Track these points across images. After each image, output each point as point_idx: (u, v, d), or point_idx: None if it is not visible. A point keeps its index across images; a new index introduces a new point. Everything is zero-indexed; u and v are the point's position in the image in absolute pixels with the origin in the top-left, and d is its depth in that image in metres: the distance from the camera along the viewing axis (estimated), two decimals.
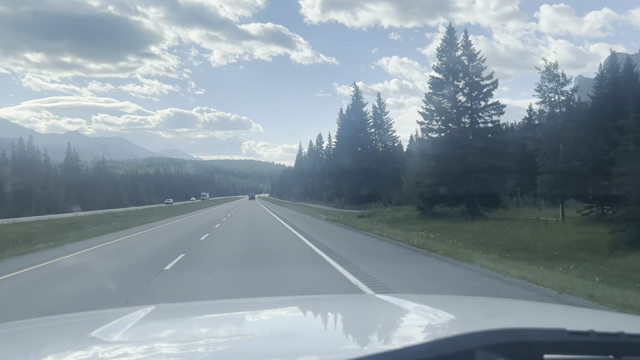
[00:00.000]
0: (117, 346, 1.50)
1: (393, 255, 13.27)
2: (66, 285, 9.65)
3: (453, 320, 1.76)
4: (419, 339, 1.25)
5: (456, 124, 31.40)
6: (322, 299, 3.22)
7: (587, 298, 6.68)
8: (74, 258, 14.71)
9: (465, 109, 31.15)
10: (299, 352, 1.37)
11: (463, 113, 31.09)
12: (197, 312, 2.35)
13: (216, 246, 16.82)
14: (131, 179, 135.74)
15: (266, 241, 18.26)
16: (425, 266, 10.86)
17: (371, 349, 1.41)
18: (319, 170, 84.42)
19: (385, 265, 11.16)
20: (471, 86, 31.07)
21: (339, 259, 11.65)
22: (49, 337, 1.79)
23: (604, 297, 6.68)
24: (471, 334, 0.90)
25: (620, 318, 2.18)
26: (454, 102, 31.23)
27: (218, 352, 1.45)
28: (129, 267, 12.08)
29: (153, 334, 1.81)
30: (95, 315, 2.59)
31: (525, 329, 0.95)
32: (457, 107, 31.19)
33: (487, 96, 30.97)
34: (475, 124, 31.18)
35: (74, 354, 1.46)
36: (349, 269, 9.84)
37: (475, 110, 30.95)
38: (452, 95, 31.18)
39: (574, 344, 0.94)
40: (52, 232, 26.04)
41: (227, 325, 2.02)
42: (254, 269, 10.86)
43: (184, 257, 12.92)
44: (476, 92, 30.95)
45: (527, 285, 7.86)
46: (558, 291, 7.25)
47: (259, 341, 1.59)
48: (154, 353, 1.44)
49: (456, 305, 2.26)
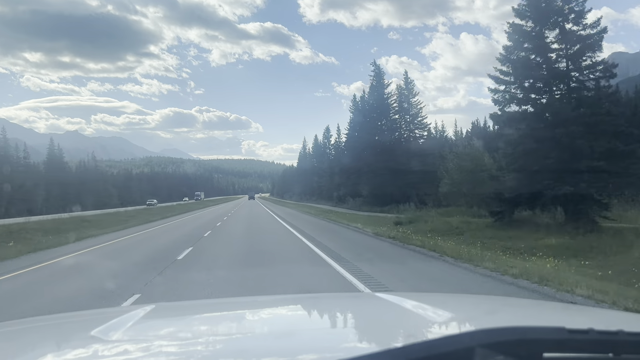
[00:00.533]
0: (116, 345, 1.49)
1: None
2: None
3: (452, 318, 1.77)
4: (419, 337, 1.11)
5: (552, 90, 21.49)
6: (321, 298, 3.18)
7: None
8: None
9: (563, 70, 21.28)
10: (298, 351, 1.35)
11: (561, 75, 21.17)
12: (197, 311, 2.33)
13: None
14: (124, 179, 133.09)
15: (286, 282, 8.63)
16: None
17: (370, 347, 1.39)
18: (327, 167, 76.50)
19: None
20: (569, 36, 21.26)
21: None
22: (48, 335, 1.78)
23: None
24: (471, 332, 0.90)
25: (619, 316, 2.29)
26: (546, 59, 21.38)
27: (217, 350, 1.43)
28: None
29: (152, 333, 1.80)
30: (95, 314, 2.57)
31: (525, 327, 0.94)
32: (550, 66, 21.31)
33: (593, 50, 21.19)
34: (581, 89, 21.27)
35: (74, 352, 1.45)
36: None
37: (578, 70, 21.10)
38: (543, 49, 21.32)
39: (574, 342, 0.94)
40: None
41: (226, 324, 2.02)
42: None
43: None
44: (578, 44, 21.15)
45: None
46: None
47: (258, 339, 1.58)
48: (153, 352, 1.41)
49: (455, 304, 2.27)
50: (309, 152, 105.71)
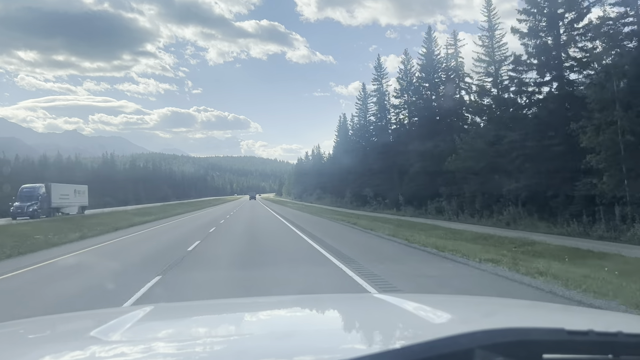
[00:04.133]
0: (115, 345, 1.49)
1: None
2: None
3: (452, 319, 1.75)
4: (418, 338, 1.13)
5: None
6: (321, 299, 3.17)
7: None
8: None
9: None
10: (298, 352, 1.35)
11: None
12: (196, 312, 2.32)
13: None
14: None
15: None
16: None
17: (371, 348, 1.39)
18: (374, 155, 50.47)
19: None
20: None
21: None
22: (48, 336, 1.79)
23: None
24: (470, 334, 0.90)
25: (619, 317, 2.26)
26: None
27: (217, 351, 1.44)
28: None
29: (152, 334, 1.80)
30: (95, 315, 2.55)
31: (524, 328, 0.94)
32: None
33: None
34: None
35: (73, 353, 1.43)
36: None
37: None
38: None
39: (573, 343, 0.94)
40: None
41: (226, 325, 2.02)
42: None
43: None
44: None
45: None
46: None
47: (257, 340, 1.57)
48: (152, 352, 1.41)
49: (455, 305, 2.26)
50: (336, 143, 78.81)
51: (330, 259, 12.16)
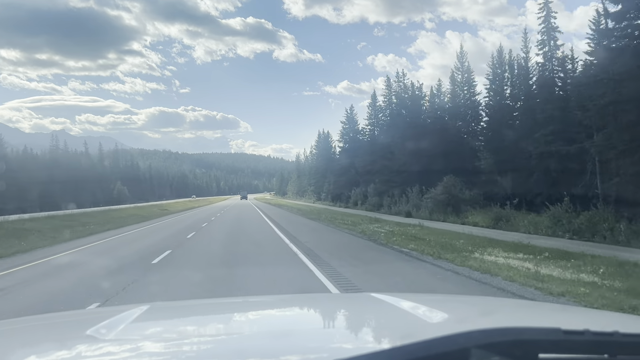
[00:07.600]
0: (111, 344, 1.48)
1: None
2: None
3: (448, 319, 1.73)
4: (415, 338, 1.14)
5: None
6: (317, 298, 3.13)
7: None
8: None
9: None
10: (295, 351, 1.33)
11: None
12: (191, 311, 2.31)
13: None
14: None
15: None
16: None
17: (367, 347, 1.38)
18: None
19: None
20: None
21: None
22: (44, 334, 1.76)
23: None
24: (467, 333, 0.89)
25: (615, 317, 2.20)
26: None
27: (211, 350, 1.42)
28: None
29: (147, 332, 1.79)
30: (90, 314, 2.62)
31: (521, 328, 0.94)
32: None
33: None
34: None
35: (69, 351, 1.42)
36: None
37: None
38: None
39: (569, 343, 0.94)
40: None
41: (221, 324, 2.00)
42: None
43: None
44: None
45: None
46: None
47: (254, 339, 1.55)
48: (147, 351, 1.40)
49: (451, 304, 2.25)
50: (362, 129, 57.45)
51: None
